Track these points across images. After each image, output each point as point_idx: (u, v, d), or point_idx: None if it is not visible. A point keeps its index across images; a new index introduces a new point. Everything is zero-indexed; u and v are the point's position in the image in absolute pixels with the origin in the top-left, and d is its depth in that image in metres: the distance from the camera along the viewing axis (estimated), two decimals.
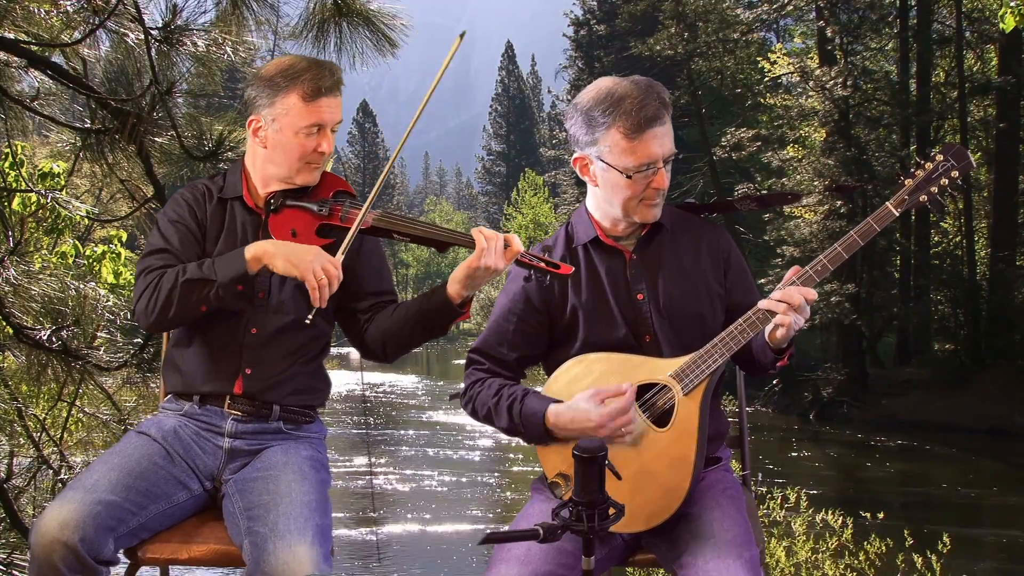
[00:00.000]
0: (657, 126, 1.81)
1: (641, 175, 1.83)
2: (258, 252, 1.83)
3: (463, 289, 1.89)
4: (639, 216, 1.88)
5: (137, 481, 1.79)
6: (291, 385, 1.98)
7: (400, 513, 9.67)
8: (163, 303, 1.84)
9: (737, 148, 22.22)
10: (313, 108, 1.92)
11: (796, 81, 22.32)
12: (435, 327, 1.94)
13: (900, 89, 19.53)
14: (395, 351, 2.00)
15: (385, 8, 3.11)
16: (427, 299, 1.93)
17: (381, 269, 2.09)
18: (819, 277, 1.80)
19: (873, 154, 19.21)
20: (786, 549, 4.51)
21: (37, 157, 4.33)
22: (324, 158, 1.98)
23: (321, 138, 1.94)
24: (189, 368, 1.98)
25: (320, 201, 1.97)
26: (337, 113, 1.97)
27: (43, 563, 1.65)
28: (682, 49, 22.84)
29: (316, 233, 1.94)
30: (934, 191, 1.82)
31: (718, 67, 24.06)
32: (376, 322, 2.00)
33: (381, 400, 21.79)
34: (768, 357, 1.86)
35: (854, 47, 20.12)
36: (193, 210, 2.00)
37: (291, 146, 1.94)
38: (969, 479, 12.76)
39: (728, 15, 22.90)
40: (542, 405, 1.82)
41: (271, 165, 1.98)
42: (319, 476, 1.90)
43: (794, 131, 21.69)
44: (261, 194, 2.01)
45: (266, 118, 1.95)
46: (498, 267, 1.84)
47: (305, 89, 1.92)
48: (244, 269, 1.82)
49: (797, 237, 19.33)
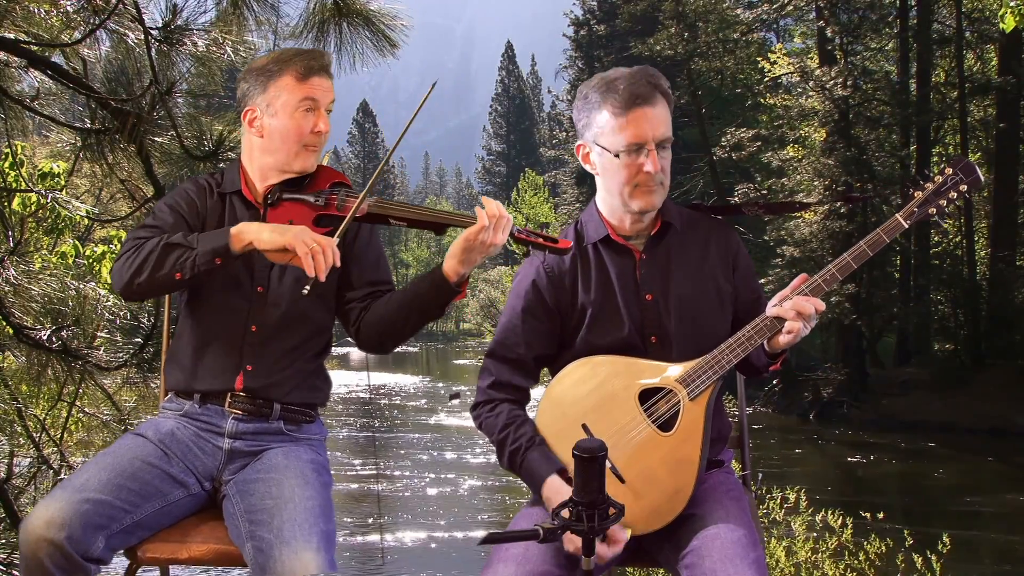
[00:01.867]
0: (646, 106, 1.81)
1: (631, 156, 1.82)
2: (242, 227, 1.81)
3: (459, 265, 1.85)
4: (636, 204, 1.85)
5: (129, 480, 1.78)
6: (292, 382, 1.97)
7: (403, 516, 9.67)
8: (139, 263, 1.81)
9: (737, 148, 22.22)
10: (306, 86, 1.95)
11: (796, 81, 22.32)
12: (431, 308, 1.90)
13: (900, 89, 19.52)
14: (392, 339, 1.97)
15: (385, 8, 3.12)
16: (422, 280, 1.91)
17: (378, 259, 2.08)
18: (828, 286, 1.80)
19: (873, 154, 19.21)
20: (786, 549, 4.51)
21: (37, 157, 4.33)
22: (321, 140, 1.98)
23: (317, 117, 1.96)
24: (190, 365, 1.97)
25: (316, 193, 1.98)
26: (329, 93, 1.99)
27: (31, 561, 1.65)
28: (682, 49, 22.84)
29: (314, 223, 1.94)
30: (943, 204, 1.84)
31: (718, 67, 24.07)
32: (372, 310, 1.99)
33: (382, 402, 21.80)
34: (762, 360, 1.86)
35: (854, 47, 20.12)
36: (193, 201, 2.01)
37: (288, 128, 1.95)
38: (969, 479, 12.76)
39: (728, 15, 22.90)
40: (543, 470, 1.78)
41: (267, 155, 1.99)
42: (321, 479, 1.90)
43: (794, 131, 21.69)
44: (259, 189, 2.01)
45: (260, 106, 1.97)
46: (496, 242, 1.82)
47: (297, 69, 1.95)
48: (225, 242, 1.79)
49: (797, 237, 19.33)
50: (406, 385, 25.92)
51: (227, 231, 1.81)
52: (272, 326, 1.95)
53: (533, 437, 1.83)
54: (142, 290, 1.86)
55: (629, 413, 1.81)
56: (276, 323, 1.95)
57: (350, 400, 20.44)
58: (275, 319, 1.95)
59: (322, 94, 1.97)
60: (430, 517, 9.46)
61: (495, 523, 9.39)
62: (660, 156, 1.83)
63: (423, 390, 24.78)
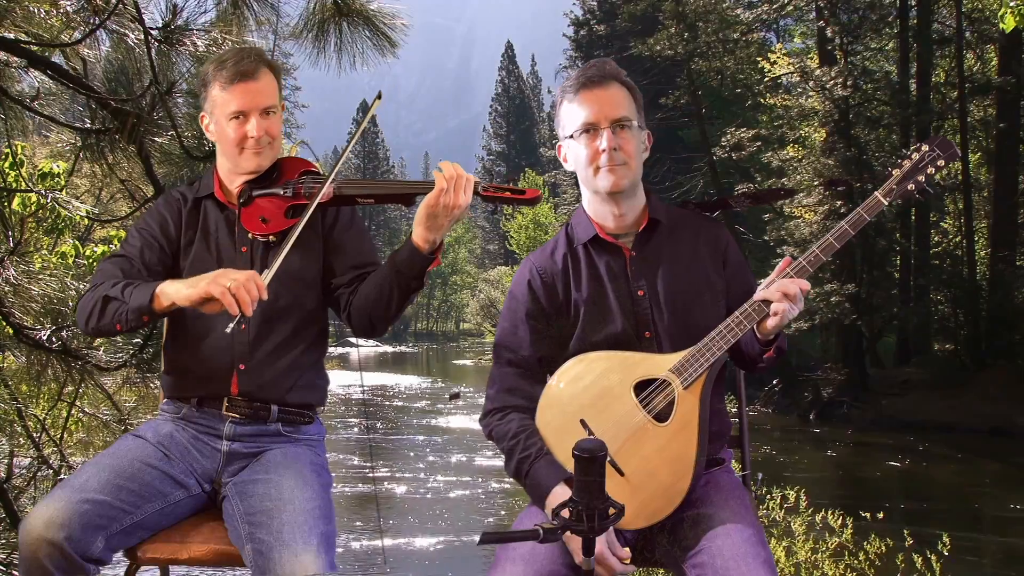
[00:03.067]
0: (596, 88, 1.87)
1: (587, 136, 1.87)
2: (163, 288, 1.80)
3: (427, 232, 1.86)
4: (601, 184, 1.88)
5: (129, 481, 1.78)
6: (288, 381, 1.97)
7: (404, 518, 9.67)
8: (88, 310, 1.86)
9: (737, 148, 22.21)
10: (231, 96, 1.95)
11: (796, 81, 22.32)
12: (409, 280, 1.89)
13: (900, 89, 19.52)
14: (380, 319, 1.95)
15: (385, 8, 3.12)
16: (395, 253, 1.91)
17: (361, 242, 2.07)
18: (812, 267, 1.82)
19: (873, 154, 19.21)
20: (786, 549, 4.51)
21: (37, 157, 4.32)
22: (258, 142, 1.97)
23: (244, 125, 1.95)
24: (184, 370, 1.98)
25: (284, 184, 1.99)
26: (259, 98, 1.96)
27: (30, 561, 1.65)
28: (682, 49, 22.83)
29: (285, 215, 1.96)
30: (921, 180, 1.86)
31: (718, 67, 24.05)
32: (358, 294, 1.98)
33: (383, 403, 21.79)
34: (755, 349, 1.86)
35: (854, 47, 20.12)
36: (165, 217, 2.02)
37: (224, 136, 1.98)
38: (969, 479, 12.76)
39: (728, 15, 22.89)
40: (550, 480, 1.79)
41: (223, 158, 2.03)
42: (321, 480, 1.89)
43: (794, 131, 21.69)
44: (232, 190, 2.03)
45: (208, 113, 2.01)
46: (458, 203, 1.84)
47: (223, 77, 1.95)
48: (147, 302, 1.79)
49: (797, 237, 19.32)
50: (406, 385, 25.92)
51: (153, 290, 1.80)
52: (258, 320, 1.94)
53: (542, 448, 1.84)
54: (98, 334, 1.96)
55: (626, 405, 1.82)
56: (262, 317, 1.94)
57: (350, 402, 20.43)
58: (263, 313, 1.93)
59: (248, 102, 1.94)
60: (432, 519, 9.46)
61: (498, 525, 9.39)
62: (619, 136, 1.87)
63: (423, 390, 24.78)
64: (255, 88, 1.96)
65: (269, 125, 1.97)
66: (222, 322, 1.91)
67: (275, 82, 2.01)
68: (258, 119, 1.95)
